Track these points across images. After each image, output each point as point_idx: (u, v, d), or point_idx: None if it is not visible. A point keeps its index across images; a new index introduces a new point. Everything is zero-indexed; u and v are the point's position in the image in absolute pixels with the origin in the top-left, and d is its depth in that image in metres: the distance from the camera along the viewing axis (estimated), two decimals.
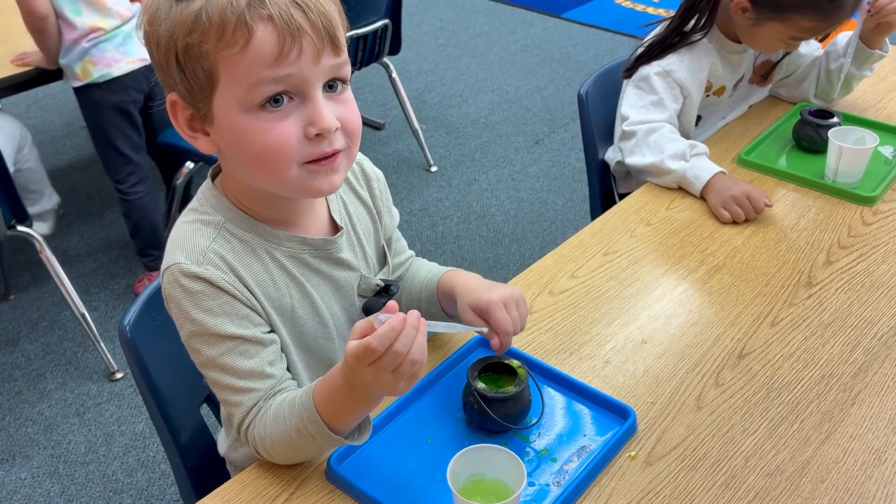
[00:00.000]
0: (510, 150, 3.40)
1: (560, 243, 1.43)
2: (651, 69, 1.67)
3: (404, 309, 1.20)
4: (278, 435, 0.94)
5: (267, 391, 0.96)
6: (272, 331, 0.99)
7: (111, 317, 2.48)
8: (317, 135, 0.88)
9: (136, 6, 2.28)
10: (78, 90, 2.28)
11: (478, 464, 0.92)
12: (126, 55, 2.25)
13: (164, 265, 0.95)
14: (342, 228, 1.06)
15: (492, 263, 2.74)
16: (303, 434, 0.92)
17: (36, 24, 2.11)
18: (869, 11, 1.66)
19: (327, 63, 0.88)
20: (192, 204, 1.00)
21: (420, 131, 3.26)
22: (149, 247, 2.49)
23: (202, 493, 1.01)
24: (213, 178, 1.01)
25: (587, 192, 1.91)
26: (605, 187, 1.88)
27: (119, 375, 2.25)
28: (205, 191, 1.00)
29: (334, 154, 0.91)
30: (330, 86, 0.90)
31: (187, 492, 1.22)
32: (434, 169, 3.27)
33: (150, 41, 0.89)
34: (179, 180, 2.47)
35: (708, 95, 1.76)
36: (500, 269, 2.70)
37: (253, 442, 0.97)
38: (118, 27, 2.23)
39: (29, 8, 2.08)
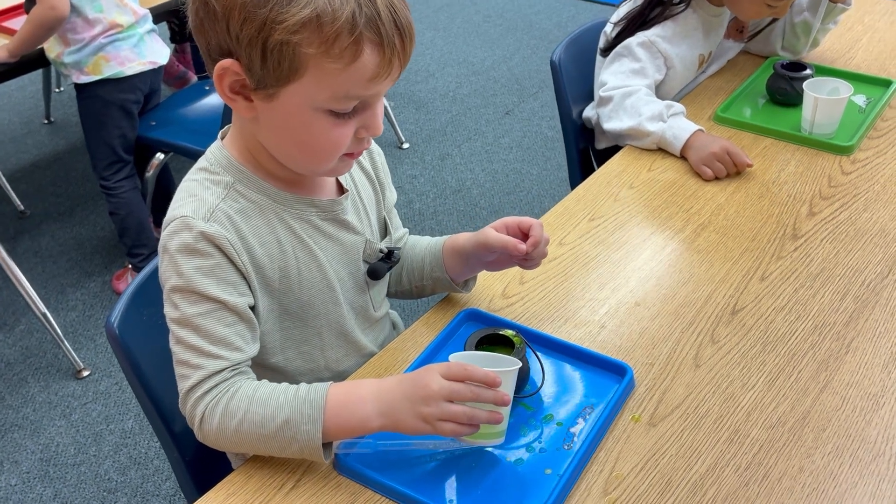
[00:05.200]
0: (481, 123, 3.38)
1: (537, 212, 1.43)
2: (634, 39, 1.66)
3: (406, 276, 1.20)
4: (258, 417, 0.91)
5: (232, 364, 0.94)
6: (254, 308, 0.98)
7: (90, 315, 2.44)
8: None
9: (146, 10, 2.32)
10: (82, 85, 2.26)
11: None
12: (139, 56, 2.28)
13: (168, 217, 0.94)
14: (348, 190, 1.06)
15: None
16: (290, 426, 0.90)
17: (51, 22, 2.09)
18: None
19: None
20: (201, 163, 0.99)
21: (389, 108, 3.23)
22: (137, 245, 2.44)
23: (203, 486, 1.00)
24: (223, 138, 1.00)
25: (561, 159, 1.91)
26: (581, 148, 1.87)
27: (86, 373, 2.22)
28: (214, 151, 0.99)
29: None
30: None
31: (187, 485, 1.20)
32: (406, 146, 3.25)
33: (222, 5, 0.84)
34: (150, 172, 2.43)
35: (705, 71, 1.76)
36: None
37: (205, 411, 0.92)
38: (132, 25, 2.26)
39: (54, 4, 2.05)
